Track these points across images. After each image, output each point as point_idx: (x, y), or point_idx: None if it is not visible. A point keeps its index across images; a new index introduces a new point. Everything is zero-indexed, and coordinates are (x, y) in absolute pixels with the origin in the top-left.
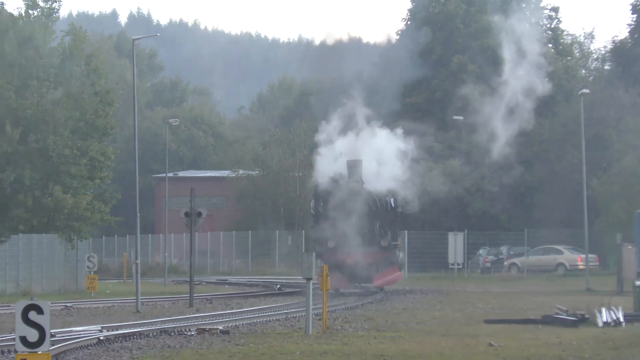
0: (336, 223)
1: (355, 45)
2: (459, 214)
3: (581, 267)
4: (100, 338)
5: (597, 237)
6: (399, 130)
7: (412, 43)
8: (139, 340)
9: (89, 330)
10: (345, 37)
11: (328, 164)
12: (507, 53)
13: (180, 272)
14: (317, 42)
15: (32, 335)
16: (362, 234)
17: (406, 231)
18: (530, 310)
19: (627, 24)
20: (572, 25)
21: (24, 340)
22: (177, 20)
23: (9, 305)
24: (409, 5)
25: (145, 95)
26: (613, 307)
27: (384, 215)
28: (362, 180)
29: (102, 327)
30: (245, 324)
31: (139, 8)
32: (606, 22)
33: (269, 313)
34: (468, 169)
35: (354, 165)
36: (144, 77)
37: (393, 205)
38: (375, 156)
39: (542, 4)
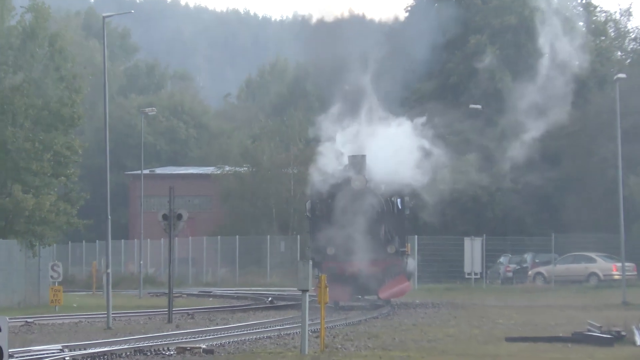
0: (336, 227)
1: (357, 23)
2: (477, 216)
3: (617, 277)
4: (66, 359)
5: (635, 242)
6: (408, 121)
7: (423, 21)
8: None
9: (51, 350)
10: (345, 14)
11: (327, 160)
12: (543, 26)
13: (157, 283)
14: (313, 19)
15: None
16: (366, 239)
17: (416, 236)
18: (559, 326)
19: None
20: (606, 1)
21: None
22: None
23: None
24: None
25: (118, 81)
26: None
27: (391, 218)
28: (365, 178)
29: (63, 347)
30: (232, 342)
31: None
32: None
33: (260, 330)
34: (487, 165)
35: (356, 161)
36: (116, 60)
37: (400, 206)
38: (381, 151)
39: None
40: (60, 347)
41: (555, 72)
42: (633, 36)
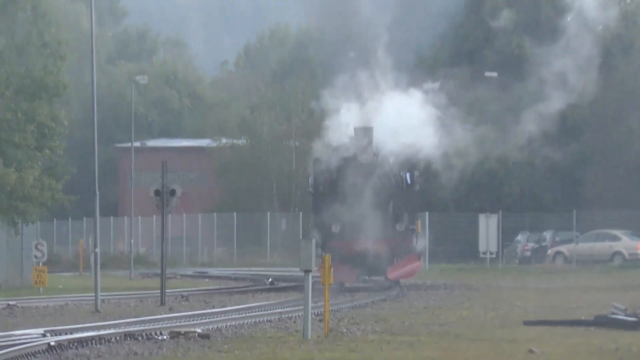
0: (341, 203)
1: None
2: (493, 191)
3: None
4: (51, 344)
5: None
6: (419, 91)
7: None
8: (98, 346)
9: (35, 335)
10: None
11: (332, 132)
12: None
13: (149, 263)
14: None
15: None
16: (373, 216)
17: (427, 213)
18: (580, 309)
19: None
20: None
21: None
22: None
23: None
24: None
25: (106, 48)
26: None
27: (400, 193)
28: (373, 151)
29: (47, 331)
30: (230, 326)
31: None
32: None
33: (259, 313)
34: (503, 137)
35: (363, 134)
36: (104, 25)
37: (410, 181)
38: (390, 122)
39: None
40: (42, 332)
41: (578, 35)
42: None
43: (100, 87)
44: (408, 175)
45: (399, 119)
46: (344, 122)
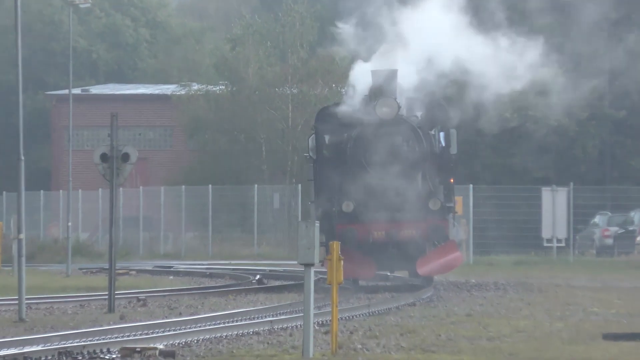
0: (354, 173)
1: None
2: (561, 157)
3: None
4: None
5: None
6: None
7: None
8: None
9: None
10: None
11: (342, 76)
12: None
13: (93, 254)
14: None
15: None
16: (399, 190)
17: (471, 186)
18: None
19: None
20: None
21: None
22: None
23: None
24: None
25: None
26: None
27: (433, 159)
28: (397, 103)
29: None
30: (203, 340)
31: None
32: None
33: (243, 322)
34: (576, 81)
35: (384, 79)
36: None
37: (444, 143)
38: (417, 61)
39: None
40: None
41: None
42: None
43: (26, 12)
44: (441, 135)
45: (427, 53)
46: (359, 62)
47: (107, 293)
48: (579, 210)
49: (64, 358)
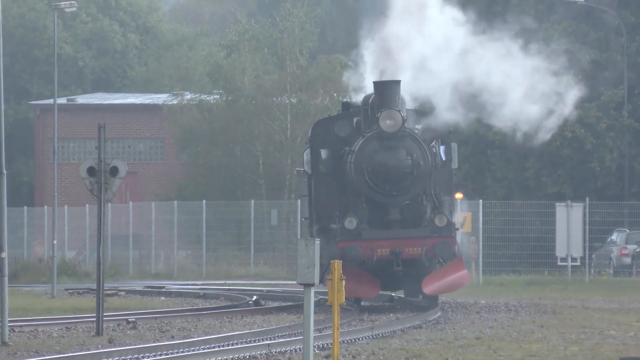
0: (357, 189)
1: None
2: (576, 170)
3: None
4: None
5: None
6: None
7: None
8: None
9: None
10: None
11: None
12: None
13: (79, 274)
14: None
15: None
16: (404, 206)
17: (481, 201)
18: None
19: None
20: None
21: None
22: None
23: None
24: None
25: None
26: None
27: (436, 174)
28: (402, 115)
29: None
30: None
31: None
32: None
33: (238, 346)
34: (593, 89)
35: (387, 90)
36: None
37: (444, 156)
38: (420, 65)
39: None
40: None
41: None
42: None
43: (7, 17)
44: (441, 148)
45: (434, 60)
46: (361, 71)
47: (94, 315)
48: (596, 227)
49: None
